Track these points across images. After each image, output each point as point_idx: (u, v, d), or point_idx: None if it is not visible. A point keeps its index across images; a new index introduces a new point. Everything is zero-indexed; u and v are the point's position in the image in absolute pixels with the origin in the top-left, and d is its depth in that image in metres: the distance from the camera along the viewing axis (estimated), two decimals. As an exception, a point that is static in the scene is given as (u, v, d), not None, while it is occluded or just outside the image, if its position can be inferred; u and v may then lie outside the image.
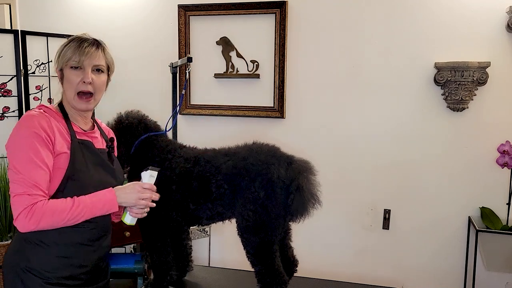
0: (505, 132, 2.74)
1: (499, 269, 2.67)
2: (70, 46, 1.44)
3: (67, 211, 1.34)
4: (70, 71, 1.43)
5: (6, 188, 2.64)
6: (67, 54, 1.43)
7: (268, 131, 3.10)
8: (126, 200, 1.44)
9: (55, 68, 1.49)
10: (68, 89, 1.45)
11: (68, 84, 1.44)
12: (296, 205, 1.54)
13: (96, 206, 1.39)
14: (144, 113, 1.93)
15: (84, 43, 1.44)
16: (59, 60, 1.45)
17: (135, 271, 2.08)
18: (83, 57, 1.42)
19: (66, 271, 1.44)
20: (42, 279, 1.40)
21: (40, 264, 1.40)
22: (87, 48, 1.43)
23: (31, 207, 1.30)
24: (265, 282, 1.62)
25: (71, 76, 1.43)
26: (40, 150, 1.33)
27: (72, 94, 1.44)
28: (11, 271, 1.42)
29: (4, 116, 2.90)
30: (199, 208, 1.70)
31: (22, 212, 1.30)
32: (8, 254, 1.46)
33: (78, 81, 1.43)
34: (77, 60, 1.42)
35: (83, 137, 1.49)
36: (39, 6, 3.42)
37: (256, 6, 3.01)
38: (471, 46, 2.74)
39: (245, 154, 1.64)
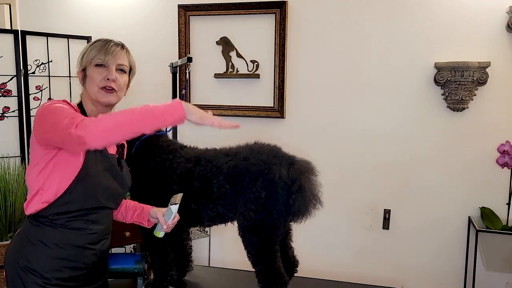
0: (505, 132, 2.74)
1: (499, 269, 2.67)
2: (95, 46, 1.47)
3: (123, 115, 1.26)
4: (94, 68, 1.46)
5: (6, 188, 2.64)
6: (92, 53, 1.46)
7: (268, 131, 3.10)
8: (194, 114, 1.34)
9: (77, 69, 1.51)
10: (90, 85, 1.46)
11: (91, 81, 1.46)
12: (297, 205, 1.54)
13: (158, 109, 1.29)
14: None
15: (110, 43, 1.49)
16: (83, 59, 1.48)
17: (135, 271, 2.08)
18: (108, 56, 1.46)
19: (66, 273, 1.44)
20: (41, 279, 1.40)
21: (39, 265, 1.41)
22: (112, 47, 1.48)
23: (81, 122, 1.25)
24: (266, 282, 1.62)
25: (95, 73, 1.45)
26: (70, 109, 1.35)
27: (95, 88, 1.45)
28: (12, 270, 1.43)
29: (4, 116, 2.90)
30: (200, 208, 1.70)
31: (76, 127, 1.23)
32: (9, 253, 1.46)
33: (102, 78, 1.45)
34: (102, 58, 1.45)
35: None
36: (39, 6, 3.42)
37: (256, 6, 3.01)
38: (471, 46, 2.74)
39: (246, 154, 1.64)
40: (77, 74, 1.52)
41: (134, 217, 1.66)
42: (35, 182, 1.40)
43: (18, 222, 2.67)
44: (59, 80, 3.08)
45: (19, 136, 2.94)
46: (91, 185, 1.42)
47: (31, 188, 1.42)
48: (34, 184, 1.41)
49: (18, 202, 2.65)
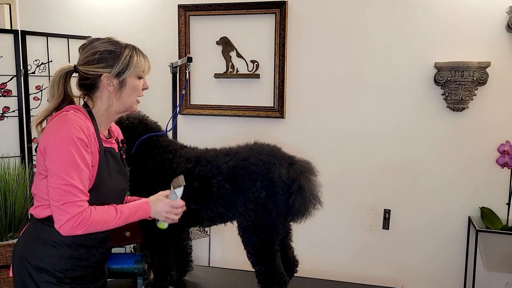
0: (505, 132, 2.74)
1: (499, 269, 2.67)
2: (140, 57, 1.49)
3: (111, 222, 1.39)
4: (136, 80, 1.49)
5: (6, 188, 2.64)
6: (141, 65, 1.48)
7: (268, 131, 3.11)
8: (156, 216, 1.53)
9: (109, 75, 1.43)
10: (130, 96, 1.49)
11: (133, 91, 1.49)
12: (297, 205, 1.54)
13: (133, 217, 1.45)
14: (144, 114, 1.93)
15: (143, 54, 1.52)
16: (129, 69, 1.45)
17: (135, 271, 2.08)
18: (148, 70, 1.53)
19: (77, 272, 1.47)
20: (55, 278, 1.42)
21: (52, 265, 1.42)
22: (147, 60, 1.53)
23: (79, 216, 1.32)
24: (266, 282, 1.62)
25: (138, 84, 1.49)
26: (83, 152, 1.34)
27: (134, 99, 1.51)
28: (22, 270, 1.43)
29: (4, 116, 2.90)
30: (200, 208, 1.70)
31: (70, 220, 1.31)
32: (18, 253, 1.46)
33: (141, 88, 1.52)
34: (146, 70, 1.51)
35: (107, 144, 1.50)
36: (39, 6, 3.42)
37: (256, 6, 3.01)
38: (471, 46, 2.74)
39: (246, 154, 1.64)
40: (106, 79, 1.43)
41: None
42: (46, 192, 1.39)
43: (18, 222, 2.67)
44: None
45: (19, 136, 2.94)
46: (105, 191, 1.45)
47: (42, 196, 1.42)
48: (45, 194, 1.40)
49: (18, 202, 2.65)
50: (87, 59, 1.44)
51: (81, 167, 1.33)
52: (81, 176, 1.33)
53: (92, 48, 1.46)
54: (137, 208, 1.46)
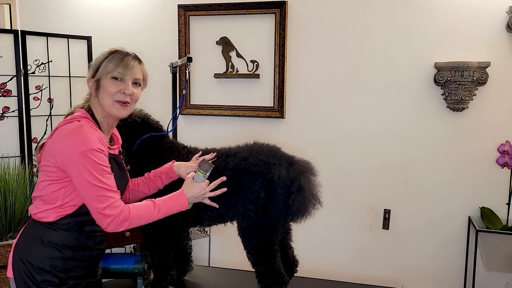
0: (505, 132, 2.74)
1: (499, 269, 2.67)
2: (113, 58, 1.48)
3: (150, 216, 1.47)
4: (110, 81, 1.48)
5: (6, 188, 2.64)
6: (110, 65, 1.47)
7: (268, 131, 3.10)
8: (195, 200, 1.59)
9: (89, 77, 1.51)
10: (105, 97, 1.49)
11: (106, 93, 1.48)
12: (297, 205, 1.54)
13: (171, 210, 1.52)
14: (146, 112, 1.93)
15: (128, 57, 1.50)
16: (98, 70, 1.49)
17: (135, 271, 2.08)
18: (127, 71, 1.48)
19: (77, 272, 1.50)
20: (56, 278, 1.45)
21: (54, 266, 1.45)
22: (131, 61, 1.50)
23: (119, 216, 1.40)
24: (266, 282, 1.63)
25: (111, 86, 1.48)
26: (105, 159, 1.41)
27: (110, 101, 1.49)
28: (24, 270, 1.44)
29: (4, 116, 2.90)
30: (200, 208, 1.70)
31: (112, 221, 1.40)
32: (19, 252, 1.46)
33: (118, 91, 1.48)
34: (120, 72, 1.48)
35: (111, 151, 1.54)
36: (39, 6, 3.42)
37: (256, 6, 3.01)
38: (471, 46, 2.74)
39: (245, 154, 1.64)
40: (88, 81, 1.52)
41: (164, 181, 1.74)
42: (53, 197, 1.45)
43: (18, 222, 2.66)
44: (59, 80, 3.08)
45: (19, 136, 2.94)
46: None
47: (47, 201, 1.45)
48: (52, 199, 1.45)
49: (18, 202, 2.65)
50: None
51: (108, 171, 1.41)
52: (111, 180, 1.41)
53: None
54: (174, 201, 1.53)
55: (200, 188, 1.57)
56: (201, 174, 1.58)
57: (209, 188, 1.59)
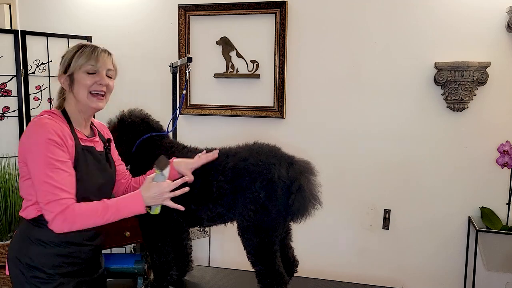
0: (505, 132, 2.74)
1: (499, 269, 2.67)
2: (84, 52, 1.49)
3: (97, 215, 1.39)
4: (84, 75, 1.48)
5: (6, 188, 2.65)
6: (81, 60, 1.48)
7: (268, 131, 3.11)
8: (153, 202, 1.49)
9: (60, 74, 1.52)
10: (80, 91, 1.49)
11: (80, 86, 1.48)
12: (297, 205, 1.54)
13: (124, 211, 1.44)
14: (147, 112, 1.93)
15: (97, 49, 1.51)
16: (69, 65, 1.49)
17: (135, 271, 2.08)
18: (99, 63, 1.49)
19: (66, 268, 1.50)
20: (44, 275, 1.46)
21: (41, 262, 1.46)
22: (101, 54, 1.50)
23: (63, 211, 1.35)
24: (266, 282, 1.62)
25: (86, 79, 1.48)
26: (59, 153, 1.38)
27: (85, 93, 1.49)
28: (15, 268, 1.48)
29: (4, 116, 2.90)
30: (200, 208, 1.70)
31: (56, 216, 1.35)
32: (11, 252, 1.50)
33: (93, 82, 1.49)
34: (93, 65, 1.48)
35: (86, 143, 1.52)
36: (39, 6, 3.42)
37: (256, 6, 3.01)
38: (471, 46, 2.74)
39: (245, 155, 1.64)
40: (59, 78, 1.52)
41: None
42: (29, 193, 1.45)
43: (18, 222, 2.67)
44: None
45: (19, 136, 2.94)
46: (85, 189, 1.47)
47: (26, 198, 1.47)
48: (29, 196, 1.45)
49: (18, 202, 2.65)
50: None
51: (58, 167, 1.36)
52: (60, 175, 1.36)
53: None
54: (128, 201, 1.45)
55: (157, 188, 1.47)
56: (158, 172, 1.48)
57: (168, 189, 1.48)
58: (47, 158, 1.35)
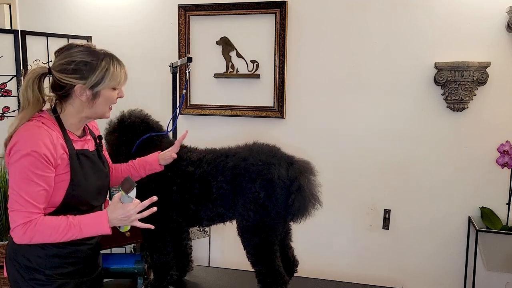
0: (505, 132, 2.74)
1: (499, 269, 2.67)
2: (115, 69, 1.46)
3: (59, 232, 1.36)
4: (111, 91, 1.48)
5: (6, 188, 2.64)
6: (116, 77, 1.46)
7: (268, 131, 3.10)
8: (119, 224, 1.44)
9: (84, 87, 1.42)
10: (103, 105, 1.48)
11: (106, 101, 1.48)
12: (296, 205, 1.54)
13: (88, 230, 1.39)
14: (147, 113, 1.93)
15: (123, 67, 1.50)
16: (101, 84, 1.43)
17: (135, 271, 2.08)
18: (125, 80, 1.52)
19: (66, 268, 1.49)
20: (44, 276, 1.45)
21: (40, 264, 1.45)
22: (124, 69, 1.51)
23: (25, 224, 1.33)
24: (266, 282, 1.62)
25: (112, 95, 1.49)
26: (39, 167, 1.33)
27: (107, 108, 1.51)
28: (13, 270, 1.47)
29: (4, 116, 2.90)
30: (199, 208, 1.70)
31: (18, 227, 1.33)
32: (8, 253, 1.49)
33: (116, 98, 1.52)
34: (122, 82, 1.50)
35: (79, 145, 1.49)
36: (39, 6, 3.42)
37: (256, 6, 3.01)
38: (471, 46, 2.74)
39: (245, 155, 1.64)
40: (79, 90, 1.42)
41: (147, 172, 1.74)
42: None
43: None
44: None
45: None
46: (81, 192, 1.46)
47: None
48: None
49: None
50: (62, 66, 1.42)
51: (33, 179, 1.33)
52: (33, 189, 1.33)
53: (69, 56, 1.43)
54: (93, 222, 1.39)
55: (123, 210, 1.40)
56: (124, 194, 1.42)
57: (135, 210, 1.42)
58: (24, 169, 1.32)
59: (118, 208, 1.41)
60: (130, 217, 1.42)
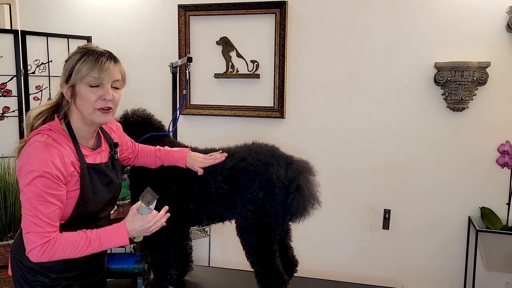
0: (505, 132, 2.74)
1: (499, 269, 2.67)
2: (86, 61, 1.33)
3: (79, 248, 1.35)
4: (87, 88, 1.34)
5: (6, 188, 2.64)
6: (83, 70, 1.33)
7: (268, 131, 3.10)
8: (138, 235, 1.44)
9: (62, 82, 1.37)
10: (84, 106, 1.35)
11: (85, 101, 1.35)
12: (295, 205, 1.54)
13: (107, 243, 1.38)
14: (150, 112, 1.94)
15: (101, 58, 1.34)
16: (71, 75, 1.34)
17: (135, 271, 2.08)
18: (103, 74, 1.33)
19: (71, 272, 1.47)
20: (48, 279, 1.43)
21: (44, 267, 1.42)
22: (106, 63, 1.34)
23: (44, 244, 1.31)
24: (265, 282, 1.62)
25: (89, 94, 1.34)
26: (52, 186, 1.30)
27: (90, 109, 1.36)
28: (17, 272, 1.45)
29: (4, 116, 2.90)
30: (198, 208, 1.70)
31: (36, 248, 1.31)
32: (14, 252, 1.47)
33: (97, 98, 1.35)
34: (96, 77, 1.33)
35: (91, 159, 1.44)
36: (39, 6, 3.42)
37: (256, 6, 3.01)
38: (471, 46, 2.74)
39: (244, 155, 1.64)
40: (61, 87, 1.38)
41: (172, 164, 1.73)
42: None
43: (18, 222, 2.67)
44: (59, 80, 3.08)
45: (19, 136, 2.94)
46: (91, 206, 1.44)
47: None
48: None
49: (18, 202, 2.65)
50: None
51: (48, 200, 1.30)
52: (48, 209, 1.30)
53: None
54: (112, 235, 1.38)
55: (143, 222, 1.40)
56: (144, 206, 1.41)
57: (154, 221, 1.42)
58: (38, 191, 1.28)
59: (137, 219, 1.41)
60: (149, 228, 1.42)
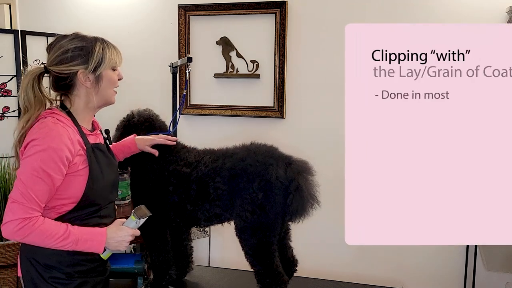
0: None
1: (499, 269, 2.67)
2: (109, 48, 1.48)
3: (54, 239, 1.34)
4: (110, 72, 1.48)
5: (6, 188, 2.65)
6: (113, 56, 1.48)
7: (268, 131, 3.10)
8: (114, 248, 1.44)
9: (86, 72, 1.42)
10: (107, 89, 1.48)
11: (110, 84, 1.49)
12: (295, 205, 1.54)
13: (82, 245, 1.38)
14: (154, 113, 1.94)
15: (113, 46, 1.52)
16: (101, 64, 1.44)
17: (135, 271, 2.08)
18: (120, 56, 1.52)
19: (85, 266, 1.47)
20: (64, 274, 1.43)
21: (60, 262, 1.43)
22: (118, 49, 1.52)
23: (24, 220, 1.30)
24: (265, 282, 1.63)
25: (114, 76, 1.50)
26: (53, 167, 1.32)
27: (112, 91, 1.51)
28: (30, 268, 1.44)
29: (4, 116, 2.90)
30: (196, 209, 1.70)
31: (15, 220, 1.30)
32: (25, 251, 1.46)
33: (118, 79, 1.52)
34: (119, 60, 1.51)
35: (92, 139, 1.49)
36: (39, 6, 3.42)
37: (256, 6, 3.01)
38: (471, 46, 2.73)
39: (243, 155, 1.64)
40: (82, 75, 1.41)
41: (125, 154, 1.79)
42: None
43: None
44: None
45: (19, 136, 2.94)
46: (99, 187, 1.45)
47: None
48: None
49: (18, 202, 2.65)
50: (59, 58, 1.42)
51: (42, 178, 1.31)
52: (38, 186, 1.31)
53: (61, 46, 1.44)
54: (91, 237, 1.38)
55: (127, 233, 1.43)
56: (134, 219, 1.44)
57: (131, 238, 1.44)
58: (36, 165, 1.31)
59: (122, 229, 1.44)
60: (126, 242, 1.43)
